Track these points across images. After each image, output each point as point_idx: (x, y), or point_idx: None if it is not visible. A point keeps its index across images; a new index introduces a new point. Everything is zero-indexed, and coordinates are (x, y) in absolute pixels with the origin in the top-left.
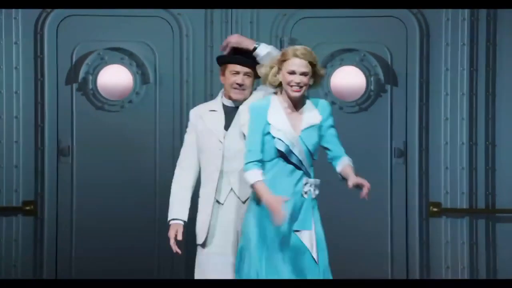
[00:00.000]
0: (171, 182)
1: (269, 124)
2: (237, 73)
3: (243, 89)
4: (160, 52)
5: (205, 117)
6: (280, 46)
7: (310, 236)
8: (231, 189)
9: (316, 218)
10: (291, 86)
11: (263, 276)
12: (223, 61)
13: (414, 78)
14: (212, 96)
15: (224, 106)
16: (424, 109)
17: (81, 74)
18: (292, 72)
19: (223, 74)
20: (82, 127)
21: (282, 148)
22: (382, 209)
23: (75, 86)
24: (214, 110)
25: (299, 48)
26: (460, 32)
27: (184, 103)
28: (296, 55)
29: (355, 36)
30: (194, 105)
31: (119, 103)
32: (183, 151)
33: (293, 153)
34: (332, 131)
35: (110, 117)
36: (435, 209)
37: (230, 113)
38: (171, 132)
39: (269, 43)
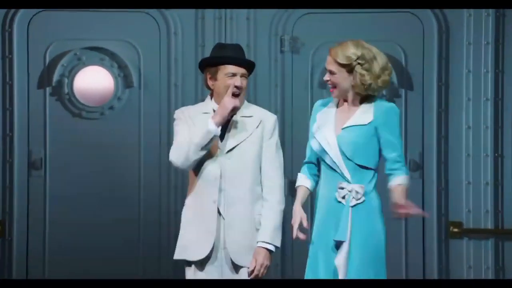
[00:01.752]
0: (156, 198)
1: (315, 121)
2: (234, 75)
3: (240, 94)
4: (145, 52)
5: (196, 120)
6: (281, 45)
7: (342, 249)
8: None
9: (358, 229)
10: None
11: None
12: (215, 63)
13: (431, 82)
14: (203, 101)
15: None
16: (443, 117)
17: (56, 77)
18: (325, 69)
19: (214, 78)
20: (56, 137)
21: (315, 147)
22: (395, 230)
23: (48, 90)
24: (207, 113)
25: (338, 44)
26: (484, 30)
27: (172, 110)
28: (329, 51)
29: (364, 33)
30: None
31: (98, 110)
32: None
33: (327, 153)
34: (386, 136)
35: (88, 125)
36: (455, 230)
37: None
38: (157, 143)
39: (268, 42)
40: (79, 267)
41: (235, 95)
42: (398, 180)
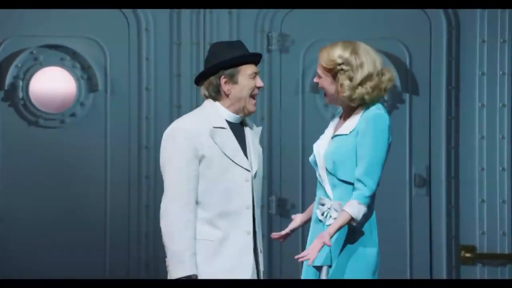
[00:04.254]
0: (125, 219)
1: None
2: (256, 74)
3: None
4: (112, 51)
5: (206, 141)
6: (268, 43)
7: (325, 274)
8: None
9: (336, 251)
10: None
11: None
12: (237, 63)
13: (440, 85)
14: (180, 108)
15: (229, 123)
16: (453, 125)
17: (9, 79)
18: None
19: (233, 81)
20: (9, 148)
21: (311, 159)
22: (399, 254)
23: (0, 94)
24: (222, 127)
25: (327, 46)
26: (500, 26)
27: (143, 117)
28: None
29: (363, 31)
30: (157, 119)
31: (58, 117)
32: (185, 182)
33: (317, 166)
34: (358, 146)
35: (46, 134)
36: (468, 255)
37: (236, 133)
38: (126, 156)
39: (253, 40)
40: None
41: (254, 97)
42: (345, 207)
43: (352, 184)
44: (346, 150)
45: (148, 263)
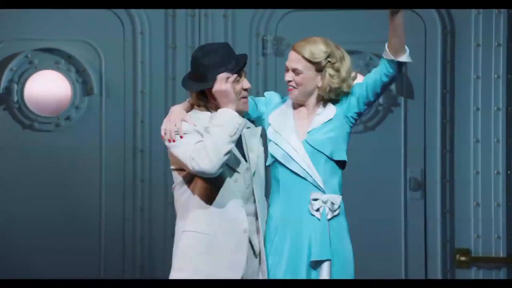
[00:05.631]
0: (120, 222)
1: (269, 124)
2: (240, 77)
3: (247, 95)
4: (107, 54)
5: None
6: (262, 47)
7: (328, 269)
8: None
9: (338, 245)
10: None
11: None
12: (232, 68)
13: (434, 89)
14: None
15: None
16: (448, 128)
17: (3, 83)
18: (286, 68)
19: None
20: (4, 152)
21: (275, 153)
22: (394, 257)
23: None
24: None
25: (302, 40)
26: (494, 29)
27: (139, 120)
28: (293, 48)
29: (358, 34)
30: (152, 122)
31: (53, 121)
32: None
33: (293, 160)
34: (358, 88)
35: (41, 138)
36: (462, 258)
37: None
38: (121, 159)
39: (248, 43)
40: None
41: (245, 98)
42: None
43: (342, 163)
44: (336, 131)
45: (143, 265)
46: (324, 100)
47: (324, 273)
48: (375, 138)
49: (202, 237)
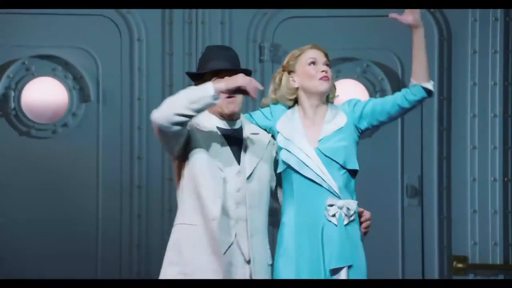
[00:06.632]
0: (117, 229)
1: (278, 132)
2: (223, 78)
3: (234, 97)
4: (104, 61)
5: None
6: (260, 53)
7: (345, 276)
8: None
9: (355, 251)
10: (317, 77)
11: None
12: (200, 74)
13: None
14: None
15: (223, 131)
16: (445, 135)
17: (0, 90)
18: (313, 62)
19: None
20: (1, 158)
21: (288, 160)
22: (391, 264)
23: None
24: (208, 127)
25: (313, 45)
26: (491, 36)
27: (136, 127)
28: (314, 47)
29: (355, 41)
30: (149, 129)
31: (50, 127)
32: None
33: (307, 166)
34: (370, 103)
35: (38, 145)
36: (459, 265)
37: (230, 140)
38: (118, 165)
39: (245, 49)
40: None
41: (229, 99)
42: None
43: (354, 172)
44: (348, 140)
45: (140, 272)
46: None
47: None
48: (372, 145)
49: (191, 228)
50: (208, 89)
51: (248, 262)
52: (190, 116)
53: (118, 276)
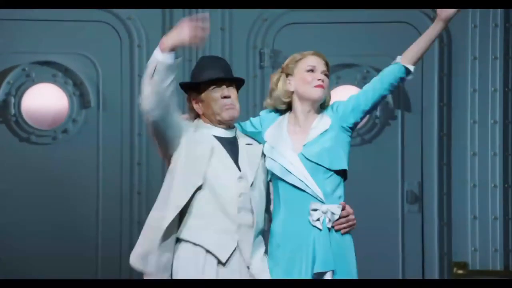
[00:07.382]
0: (117, 236)
1: (265, 141)
2: (220, 86)
3: (232, 103)
4: (105, 68)
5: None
6: (260, 59)
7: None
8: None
9: (339, 257)
10: (312, 84)
11: None
12: (195, 84)
13: (431, 102)
14: None
15: (219, 139)
16: (445, 142)
17: (1, 96)
18: (312, 70)
19: (199, 100)
20: (1, 164)
21: (272, 168)
22: (391, 270)
23: None
24: (204, 136)
25: (313, 52)
26: (491, 43)
27: (136, 133)
28: (315, 54)
29: (355, 47)
30: (149, 135)
31: (50, 134)
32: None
33: (290, 173)
34: (350, 102)
35: (38, 151)
36: (460, 271)
37: (227, 148)
38: (118, 172)
39: (246, 55)
40: None
41: (227, 105)
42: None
43: (343, 173)
44: (332, 141)
45: (139, 273)
46: (315, 109)
47: None
48: (372, 151)
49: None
50: (155, 53)
51: (248, 267)
52: (162, 91)
53: (118, 276)
